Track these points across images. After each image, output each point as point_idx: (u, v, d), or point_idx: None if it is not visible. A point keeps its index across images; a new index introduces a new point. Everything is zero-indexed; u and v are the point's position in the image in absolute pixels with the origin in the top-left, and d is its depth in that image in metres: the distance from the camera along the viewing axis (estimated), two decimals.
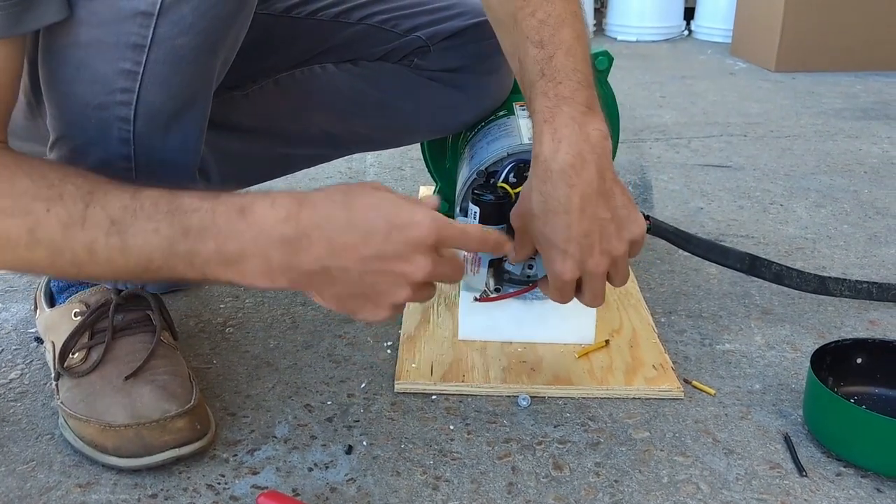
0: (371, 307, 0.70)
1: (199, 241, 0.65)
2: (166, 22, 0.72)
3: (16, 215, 0.64)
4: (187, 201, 0.66)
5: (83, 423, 0.80)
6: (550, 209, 0.75)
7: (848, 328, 1.07)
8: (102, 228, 0.65)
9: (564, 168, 0.74)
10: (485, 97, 1.14)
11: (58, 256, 0.66)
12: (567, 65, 0.77)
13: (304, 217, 0.65)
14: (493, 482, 0.78)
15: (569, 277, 0.77)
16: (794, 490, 0.78)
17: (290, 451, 0.82)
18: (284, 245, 0.65)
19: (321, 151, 1.22)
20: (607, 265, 0.78)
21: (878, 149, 1.91)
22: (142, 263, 0.66)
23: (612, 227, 0.76)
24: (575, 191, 0.74)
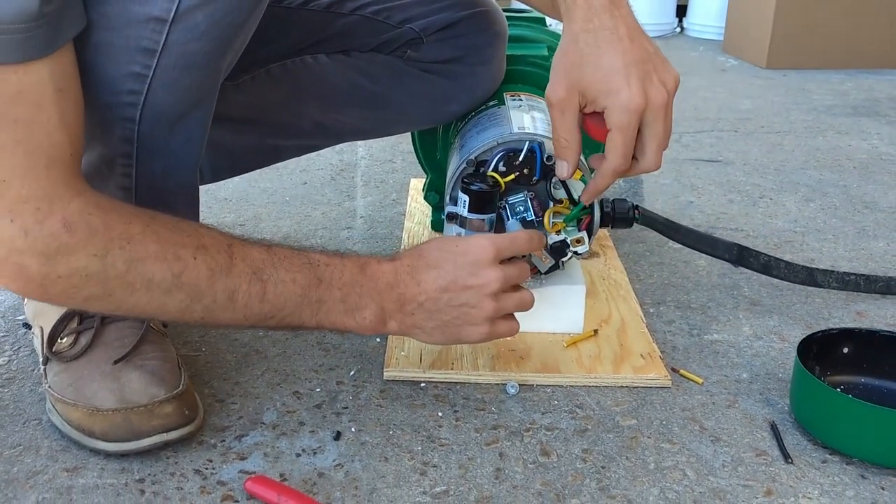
0: (469, 327, 0.80)
1: (328, 291, 0.76)
2: (179, 28, 0.71)
3: (164, 260, 0.68)
4: (317, 257, 0.77)
5: (71, 407, 0.80)
6: (602, 40, 0.76)
7: (836, 319, 1.08)
8: (246, 277, 0.72)
9: (605, 4, 0.76)
10: (477, 88, 1.14)
11: (195, 301, 0.71)
12: None
13: (399, 267, 0.79)
14: (481, 468, 0.79)
15: (639, 101, 0.75)
16: (779, 476, 0.78)
17: (278, 437, 0.83)
18: (391, 289, 0.78)
19: (312, 141, 1.22)
20: (666, 97, 0.77)
21: (868, 144, 1.92)
22: (274, 310, 0.74)
23: (658, 59, 0.78)
24: (621, 21, 0.76)
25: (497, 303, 0.80)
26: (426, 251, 0.80)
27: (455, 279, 0.78)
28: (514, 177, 0.93)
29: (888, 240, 1.36)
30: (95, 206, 0.67)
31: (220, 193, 1.50)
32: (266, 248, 0.75)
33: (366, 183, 1.61)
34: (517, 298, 0.82)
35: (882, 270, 1.24)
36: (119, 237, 0.67)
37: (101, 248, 0.66)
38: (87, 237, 0.65)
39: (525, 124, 0.97)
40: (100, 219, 0.66)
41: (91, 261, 0.66)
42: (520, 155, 0.93)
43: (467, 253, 0.79)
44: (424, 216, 1.34)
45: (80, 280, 0.66)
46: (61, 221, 0.64)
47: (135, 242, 0.67)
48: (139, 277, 0.68)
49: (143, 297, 0.69)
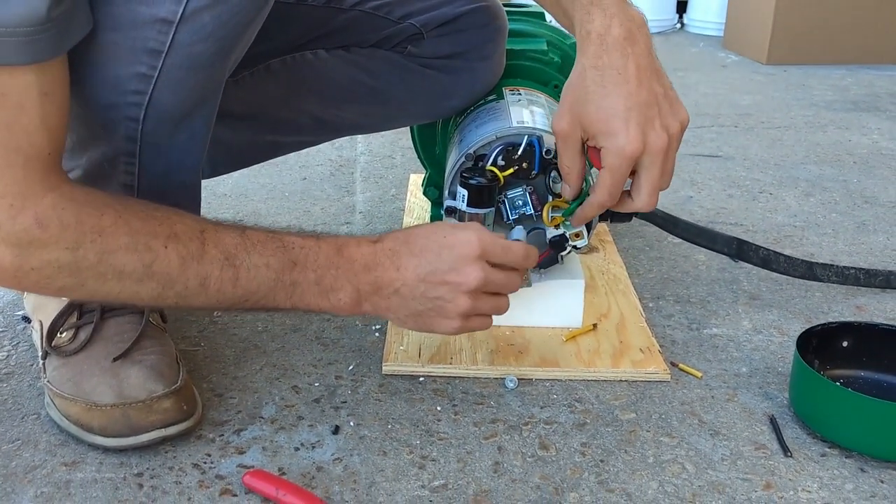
0: (441, 319, 0.79)
1: (303, 273, 0.75)
2: (186, 29, 0.71)
3: (135, 251, 0.69)
4: (292, 239, 0.76)
5: (69, 402, 0.80)
6: (608, 80, 0.75)
7: (835, 313, 1.08)
8: (218, 263, 0.72)
9: (619, 41, 0.76)
10: (476, 83, 1.13)
11: (167, 288, 0.71)
12: None
13: (379, 250, 0.78)
14: (480, 461, 0.78)
15: (635, 147, 0.75)
16: (778, 470, 0.78)
17: (277, 431, 0.83)
18: (367, 271, 0.77)
19: (311, 136, 1.22)
20: (666, 143, 0.77)
21: (868, 140, 1.92)
22: (248, 294, 0.74)
23: (666, 104, 0.77)
24: (632, 60, 0.75)
25: (473, 301, 0.78)
26: (413, 237, 0.79)
27: (434, 271, 0.77)
28: (512, 171, 0.93)
29: (888, 234, 1.35)
30: (69, 200, 0.68)
31: (219, 189, 1.50)
32: (239, 233, 0.74)
33: (365, 178, 1.61)
34: (494, 302, 0.81)
35: (882, 264, 1.24)
36: (90, 230, 0.67)
37: (72, 241, 0.67)
38: (58, 232, 0.66)
39: (524, 119, 0.97)
40: (71, 212, 0.67)
41: (63, 254, 0.67)
42: (518, 149, 0.92)
43: (453, 246, 0.77)
44: (424, 211, 1.34)
45: (53, 271, 0.67)
46: (33, 217, 0.66)
47: (106, 235, 0.68)
48: (110, 269, 0.69)
49: (114, 286, 0.70)
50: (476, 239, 0.78)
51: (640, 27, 0.77)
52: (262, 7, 0.77)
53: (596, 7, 0.77)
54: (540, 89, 1.10)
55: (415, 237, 0.79)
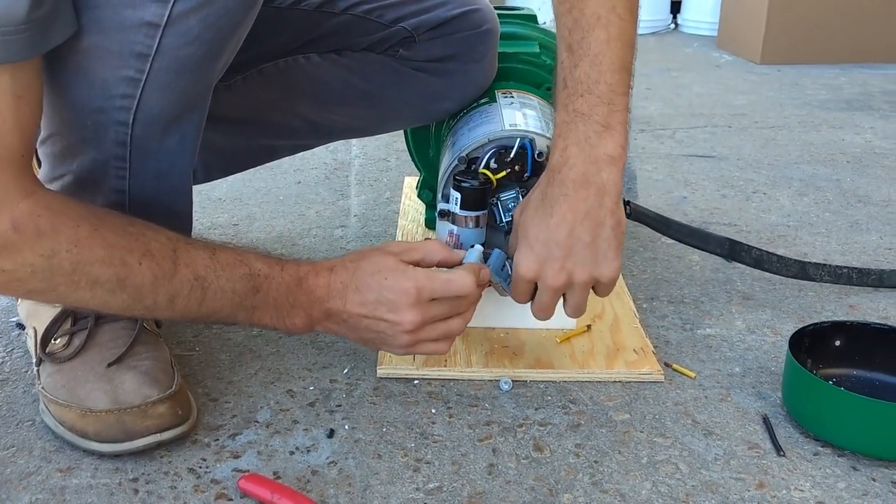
0: (387, 347, 0.84)
1: (263, 300, 0.79)
2: (172, 33, 0.72)
3: (110, 264, 0.70)
4: (258, 266, 0.79)
5: (64, 408, 0.80)
6: (541, 209, 0.79)
7: (828, 312, 1.08)
8: (188, 284, 0.74)
9: (566, 180, 0.78)
10: (469, 86, 1.13)
11: (136, 302, 0.73)
12: (591, 75, 0.77)
13: (332, 282, 0.81)
14: (474, 464, 0.79)
15: (524, 272, 0.80)
16: (771, 469, 0.78)
17: (272, 435, 0.83)
18: (320, 303, 0.81)
19: (305, 140, 1.22)
20: (563, 284, 0.80)
21: (861, 139, 1.93)
22: (211, 312, 0.77)
23: (586, 253, 0.78)
24: (567, 200, 0.77)
25: (413, 336, 0.81)
26: (360, 273, 0.81)
27: (374, 310, 0.80)
28: (505, 173, 0.93)
29: (881, 233, 1.36)
30: (45, 208, 0.68)
31: (213, 193, 1.50)
32: (210, 254, 0.76)
33: (360, 181, 1.61)
34: (441, 329, 0.82)
35: (874, 264, 1.24)
36: (66, 240, 0.68)
37: (48, 249, 0.68)
38: (34, 238, 0.67)
39: (516, 121, 0.97)
40: (48, 221, 0.68)
41: (38, 259, 0.67)
42: (511, 152, 0.93)
43: (392, 290, 0.79)
44: (418, 214, 1.34)
45: (26, 275, 0.68)
46: (10, 221, 0.66)
47: (82, 246, 0.69)
48: (84, 278, 0.69)
49: (85, 294, 0.71)
50: (413, 287, 0.79)
51: (602, 169, 0.77)
52: (249, 10, 0.78)
53: (561, 140, 0.78)
54: (532, 92, 1.10)
55: (361, 273, 0.81)
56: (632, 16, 0.78)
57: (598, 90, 0.77)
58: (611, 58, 0.77)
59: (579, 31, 0.77)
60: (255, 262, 0.79)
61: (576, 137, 0.77)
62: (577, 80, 0.77)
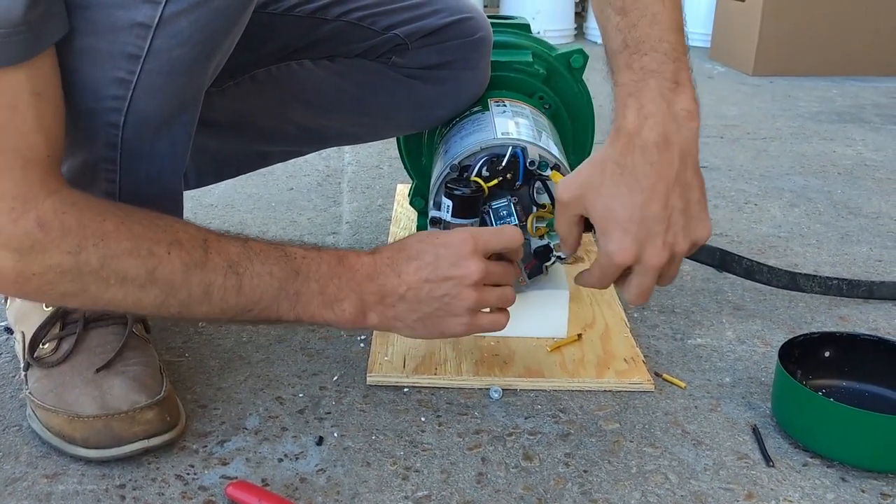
0: (450, 319, 0.79)
1: (305, 283, 0.75)
2: (164, 34, 0.71)
3: (138, 256, 0.69)
4: (293, 250, 0.77)
5: (51, 413, 0.80)
6: (625, 182, 0.72)
7: (818, 323, 1.08)
8: (221, 270, 0.72)
9: (648, 145, 0.71)
10: (462, 94, 1.14)
11: (170, 296, 0.71)
12: (652, 34, 0.74)
13: (378, 260, 0.79)
14: (463, 472, 0.78)
15: (623, 260, 0.73)
16: (761, 480, 0.78)
17: (261, 442, 0.82)
18: (371, 280, 0.77)
19: (297, 146, 1.22)
20: (666, 260, 0.74)
21: (853, 151, 1.94)
22: (251, 303, 0.74)
23: (682, 220, 0.73)
24: (654, 169, 0.71)
25: (478, 294, 0.79)
26: (407, 244, 0.80)
27: (436, 269, 0.77)
28: (497, 182, 0.93)
29: (871, 245, 1.37)
30: (70, 205, 0.67)
31: (206, 199, 1.50)
32: (242, 242, 0.75)
33: (352, 188, 1.61)
34: (499, 293, 0.82)
35: (864, 275, 1.24)
36: (93, 234, 0.67)
37: (74, 245, 0.67)
38: (60, 235, 0.66)
39: (509, 130, 0.97)
40: (74, 217, 0.67)
41: (65, 258, 0.66)
42: (503, 160, 0.93)
43: (448, 244, 0.78)
44: (410, 221, 1.34)
45: (55, 276, 0.67)
46: (35, 220, 0.65)
47: (108, 239, 0.68)
48: (113, 273, 0.68)
49: (117, 292, 0.69)
50: (469, 235, 0.79)
51: (682, 126, 0.72)
52: (241, 13, 0.77)
53: (633, 100, 0.73)
54: (525, 101, 1.10)
55: (409, 244, 0.80)
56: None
57: (663, 48, 0.74)
58: (668, 18, 0.75)
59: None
60: (290, 247, 0.77)
61: (650, 95, 0.72)
62: (639, 39, 0.74)
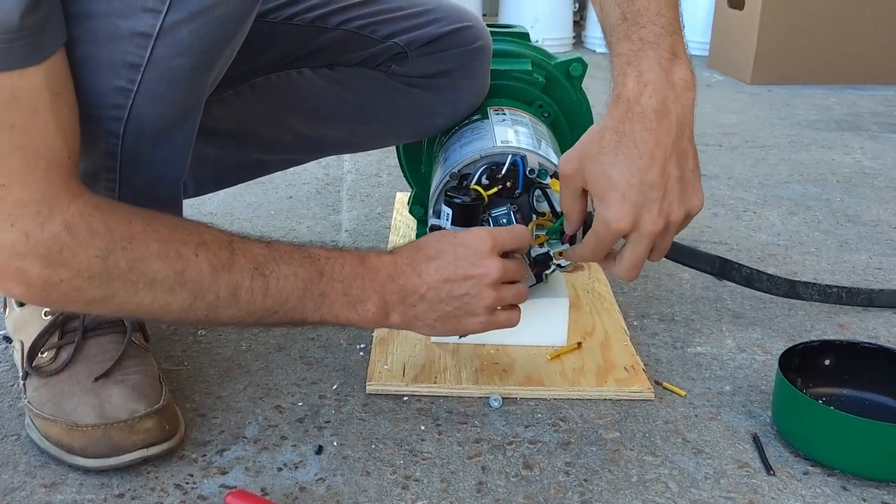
0: (470, 318, 0.81)
1: (330, 284, 0.76)
2: (164, 43, 0.71)
3: (166, 258, 0.69)
4: (316, 251, 0.78)
5: (50, 423, 0.79)
6: (623, 150, 0.72)
7: (818, 331, 1.08)
8: (248, 272, 0.72)
9: (647, 111, 0.72)
10: (461, 102, 1.14)
11: (198, 299, 0.71)
12: (650, 8, 0.75)
13: (398, 260, 0.80)
14: (463, 481, 0.78)
15: (621, 226, 0.74)
16: (761, 489, 0.78)
17: (260, 451, 0.82)
18: (392, 280, 0.79)
19: (296, 155, 1.22)
20: (661, 228, 0.74)
21: (851, 159, 1.94)
22: (277, 304, 0.75)
23: (678, 188, 0.74)
24: (652, 136, 0.72)
25: (497, 292, 0.81)
26: (424, 244, 0.81)
27: (456, 269, 0.79)
28: (496, 190, 0.93)
29: (870, 253, 1.37)
30: (95, 208, 0.67)
31: (205, 208, 1.50)
32: (266, 244, 0.76)
33: (351, 197, 1.61)
34: (514, 290, 0.83)
35: (864, 283, 1.24)
36: (121, 237, 0.67)
37: (102, 248, 0.66)
38: (88, 239, 0.65)
39: (508, 138, 0.97)
40: (100, 220, 0.67)
41: (93, 262, 0.66)
42: (503, 168, 0.93)
43: (467, 244, 0.80)
44: (410, 230, 1.34)
45: (83, 282, 0.66)
46: (62, 224, 0.65)
47: (136, 242, 0.68)
48: (142, 277, 0.68)
49: (146, 296, 0.69)
50: (487, 234, 0.81)
51: (680, 95, 0.73)
52: (242, 23, 0.77)
53: (632, 68, 0.73)
54: (524, 109, 1.10)
55: (427, 243, 0.81)
56: None
57: (661, 21, 0.75)
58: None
59: None
60: (312, 248, 0.78)
61: (649, 63, 0.73)
62: (637, 12, 0.75)
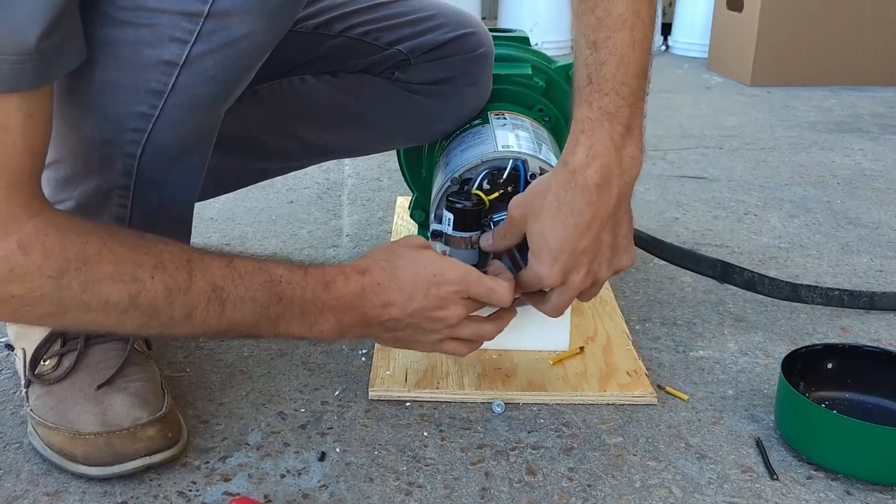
0: (420, 345, 0.83)
1: (287, 307, 0.75)
2: (189, 72, 0.72)
3: (121, 281, 0.67)
4: (278, 273, 0.75)
5: (52, 431, 0.79)
6: (560, 217, 0.76)
7: (820, 335, 1.08)
8: (205, 295, 0.71)
9: (590, 186, 0.75)
10: (463, 108, 1.14)
11: (152, 319, 0.70)
12: (617, 76, 0.76)
13: (366, 284, 0.78)
14: (467, 487, 0.78)
15: (550, 283, 0.79)
16: (765, 493, 0.78)
17: (263, 457, 0.82)
18: (354, 308, 0.77)
19: (297, 160, 1.22)
20: (587, 285, 0.80)
21: (851, 161, 1.94)
22: (231, 325, 0.73)
23: (609, 253, 0.79)
24: (590, 209, 0.76)
25: (451, 331, 0.81)
26: (400, 270, 0.79)
27: (422, 309, 0.78)
28: (498, 195, 0.93)
29: (872, 255, 1.37)
30: (52, 226, 0.66)
31: (206, 213, 1.50)
32: (227, 263, 0.73)
33: (352, 201, 1.61)
34: (473, 328, 0.82)
35: (866, 286, 1.24)
36: (75, 258, 0.66)
37: (55, 269, 0.65)
38: (41, 259, 0.64)
39: (509, 143, 0.97)
40: (55, 239, 0.65)
41: (45, 282, 0.65)
42: (504, 173, 0.93)
43: (440, 284, 0.78)
44: (411, 234, 1.34)
45: (35, 299, 0.65)
46: (17, 242, 0.64)
47: (91, 264, 0.66)
48: (95, 298, 0.67)
49: (98, 315, 0.68)
50: (465, 280, 0.79)
51: (625, 171, 0.76)
52: (265, 53, 0.78)
53: (586, 137, 0.76)
54: (525, 113, 1.11)
55: (402, 270, 0.79)
56: (652, 22, 0.78)
57: (623, 92, 0.76)
58: (635, 61, 0.76)
59: (605, 30, 0.76)
60: (276, 268, 0.75)
61: (602, 137, 0.75)
62: (604, 77, 0.76)
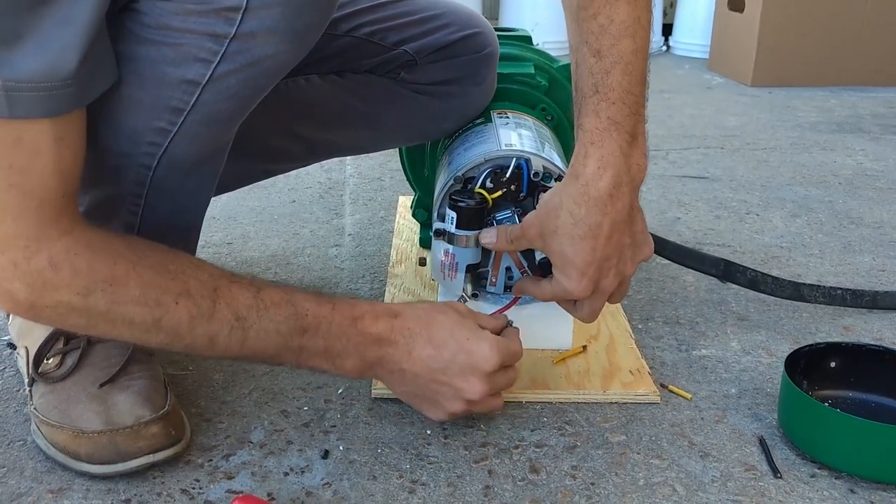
0: (432, 409, 0.82)
1: (312, 340, 0.76)
2: (211, 90, 0.72)
3: (145, 304, 0.69)
4: (305, 306, 0.75)
5: (56, 429, 0.79)
6: (578, 233, 0.77)
7: (822, 334, 1.08)
8: (227, 324, 0.72)
9: (603, 196, 0.76)
10: (469, 107, 1.13)
11: (175, 341, 0.72)
12: (623, 85, 0.76)
13: (396, 327, 0.78)
14: (470, 485, 0.78)
15: (582, 296, 0.80)
16: (768, 491, 0.78)
17: (266, 455, 0.82)
18: (378, 347, 0.78)
19: (301, 159, 1.22)
20: (617, 285, 0.81)
21: (853, 161, 1.94)
22: (253, 354, 0.75)
23: (630, 251, 0.80)
24: (607, 219, 0.76)
25: (468, 407, 0.80)
26: (436, 325, 0.79)
27: (445, 370, 0.78)
28: (501, 193, 0.93)
29: (874, 254, 1.37)
30: (84, 246, 0.68)
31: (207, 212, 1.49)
32: (254, 292, 0.74)
33: (354, 201, 1.61)
34: (488, 404, 0.82)
35: (868, 285, 1.24)
36: (102, 280, 0.68)
37: (83, 288, 0.68)
38: (70, 277, 0.67)
39: (512, 141, 0.97)
40: (85, 259, 0.68)
41: (74, 298, 0.68)
42: (507, 171, 0.93)
43: (471, 354, 0.78)
44: (413, 233, 1.34)
45: (65, 311, 0.69)
46: (47, 260, 0.66)
47: (117, 285, 0.69)
48: (119, 317, 0.69)
49: (124, 331, 0.71)
50: (496, 356, 0.79)
51: (633, 178, 0.77)
52: (288, 69, 0.78)
53: (595, 149, 0.76)
54: (527, 112, 1.11)
55: (438, 326, 0.79)
56: (650, 27, 0.78)
57: (629, 100, 0.76)
58: (638, 69, 0.77)
59: (608, 38, 0.76)
60: (303, 301, 0.76)
61: (611, 147, 0.76)
62: (610, 87, 0.76)
